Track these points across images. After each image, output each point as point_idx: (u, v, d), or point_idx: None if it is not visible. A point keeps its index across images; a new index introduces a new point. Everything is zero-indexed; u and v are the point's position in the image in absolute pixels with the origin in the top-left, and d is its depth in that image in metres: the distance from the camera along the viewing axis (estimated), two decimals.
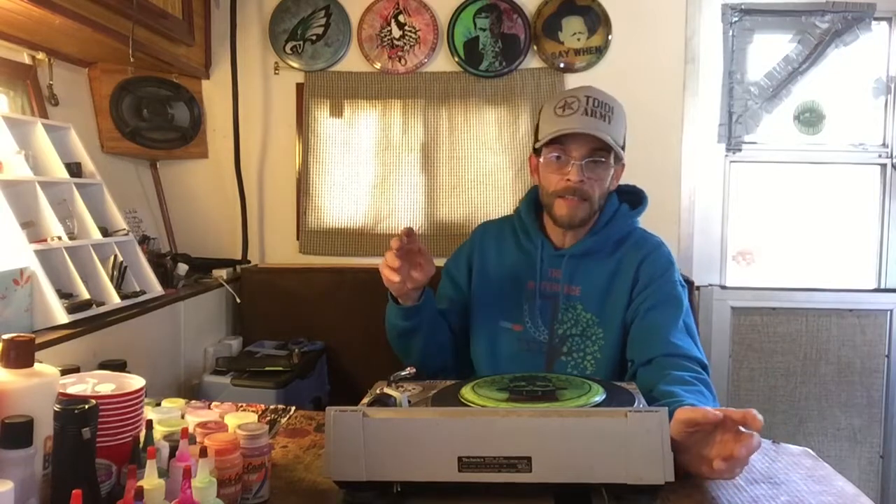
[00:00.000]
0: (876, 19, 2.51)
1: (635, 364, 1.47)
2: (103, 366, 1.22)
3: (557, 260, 1.58)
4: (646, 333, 1.48)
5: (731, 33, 2.53)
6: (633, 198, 1.65)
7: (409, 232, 1.40)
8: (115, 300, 1.69)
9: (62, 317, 1.50)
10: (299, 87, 2.55)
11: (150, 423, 1.02)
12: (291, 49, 2.52)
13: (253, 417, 1.17)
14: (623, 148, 1.55)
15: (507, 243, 1.67)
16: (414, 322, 1.54)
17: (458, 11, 2.48)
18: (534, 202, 1.66)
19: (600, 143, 1.49)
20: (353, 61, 2.53)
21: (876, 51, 2.55)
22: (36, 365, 0.95)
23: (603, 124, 1.49)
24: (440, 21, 2.49)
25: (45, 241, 1.57)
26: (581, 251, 1.57)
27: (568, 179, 1.50)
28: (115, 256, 1.79)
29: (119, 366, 1.22)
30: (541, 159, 1.55)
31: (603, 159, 1.50)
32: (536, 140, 1.57)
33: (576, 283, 1.57)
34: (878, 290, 2.60)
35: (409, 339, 1.58)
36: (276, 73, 2.56)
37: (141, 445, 0.98)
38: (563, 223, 1.55)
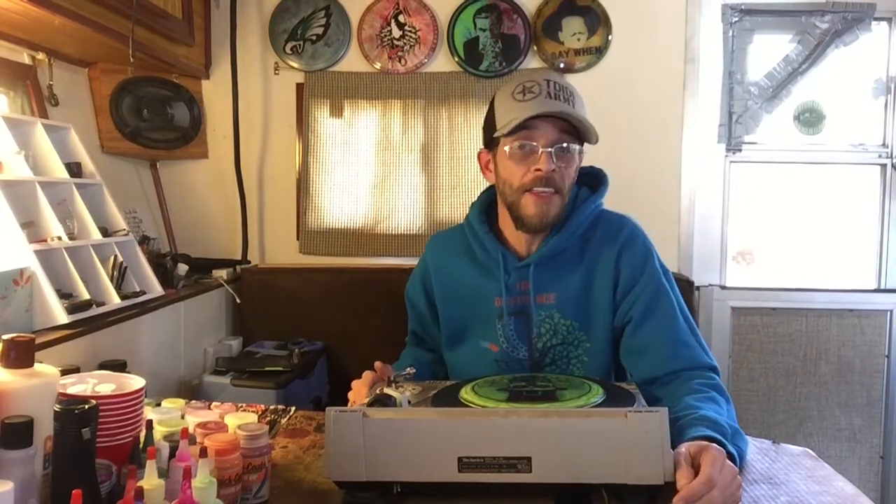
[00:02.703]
0: (876, 19, 2.51)
1: (638, 380, 1.35)
2: (103, 366, 1.22)
3: (524, 271, 1.43)
4: (644, 347, 1.37)
5: (731, 33, 2.52)
6: (592, 179, 1.49)
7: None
8: (115, 300, 1.69)
9: (62, 317, 1.50)
10: (299, 87, 2.55)
11: (150, 424, 1.02)
12: (291, 49, 2.52)
13: (253, 418, 1.17)
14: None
15: (460, 258, 1.51)
16: None
17: (458, 11, 2.48)
18: (485, 209, 1.52)
19: (567, 127, 1.35)
20: (353, 61, 2.53)
21: (876, 51, 2.55)
22: (36, 365, 0.95)
23: (568, 107, 1.34)
24: (440, 21, 2.49)
25: (45, 241, 1.57)
26: (547, 255, 1.42)
27: (538, 170, 1.34)
28: (115, 256, 1.79)
29: (119, 366, 1.22)
30: (503, 150, 1.38)
31: (572, 144, 1.36)
32: (493, 132, 1.41)
33: (548, 291, 1.43)
34: (878, 290, 2.60)
35: None
36: (276, 73, 2.56)
37: (141, 446, 0.98)
38: (534, 223, 1.38)
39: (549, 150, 1.34)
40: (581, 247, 1.44)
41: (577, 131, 1.37)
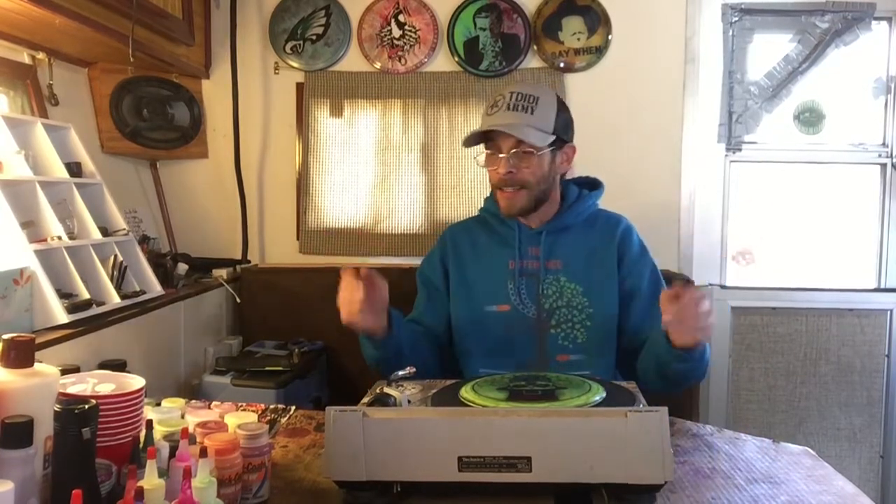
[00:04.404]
0: (876, 19, 2.51)
1: (641, 339, 1.57)
2: (103, 366, 1.22)
3: (535, 238, 1.65)
4: (649, 314, 1.57)
5: (731, 33, 2.52)
6: (590, 185, 1.75)
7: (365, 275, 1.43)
8: (115, 300, 1.69)
9: (62, 317, 1.50)
10: (299, 86, 2.55)
11: (150, 423, 1.02)
12: (291, 49, 2.52)
13: (253, 417, 1.17)
14: (559, 131, 1.61)
15: (479, 235, 1.73)
16: (390, 350, 1.52)
17: (458, 11, 2.48)
18: None
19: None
20: (353, 61, 2.53)
21: (876, 51, 2.55)
22: (36, 365, 0.95)
23: (525, 116, 1.57)
24: (440, 21, 2.49)
25: (45, 241, 1.57)
26: (558, 227, 1.65)
27: (499, 172, 1.59)
28: (115, 256, 1.79)
29: (119, 366, 1.22)
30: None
31: (528, 149, 1.57)
32: None
33: (556, 257, 1.64)
34: (878, 290, 2.59)
35: (389, 364, 1.50)
36: (276, 73, 2.56)
37: (141, 445, 0.98)
38: (505, 213, 1.64)
39: (506, 155, 1.58)
40: (585, 230, 1.68)
41: (556, 131, 1.59)
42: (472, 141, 1.63)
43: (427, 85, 2.51)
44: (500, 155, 1.58)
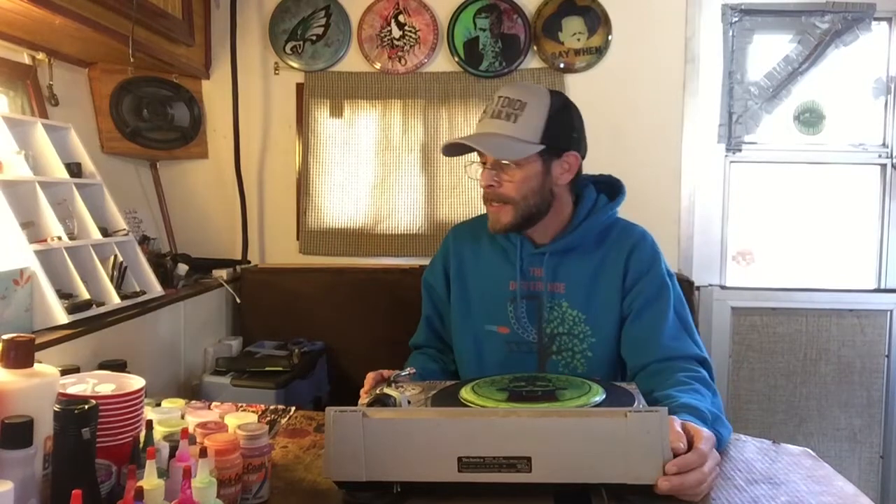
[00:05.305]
0: (876, 19, 2.51)
1: (631, 370, 1.44)
2: (103, 366, 1.22)
3: (538, 258, 1.51)
4: (639, 338, 1.45)
5: (731, 33, 2.53)
6: (610, 189, 1.58)
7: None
8: (115, 300, 1.69)
9: (62, 317, 1.50)
10: (299, 87, 2.55)
11: (150, 424, 1.02)
12: (291, 49, 2.52)
13: (253, 418, 1.17)
14: (551, 139, 1.44)
15: (482, 243, 1.60)
16: None
17: (458, 11, 2.48)
18: None
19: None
20: (353, 61, 2.53)
21: (876, 51, 2.55)
22: (36, 365, 0.95)
23: (505, 125, 1.42)
24: (440, 21, 2.49)
25: (45, 241, 1.57)
26: (563, 247, 1.50)
27: (481, 185, 1.47)
28: (115, 256, 1.79)
29: (119, 366, 1.22)
30: None
31: (506, 161, 1.43)
32: None
33: (559, 280, 1.50)
34: (878, 290, 2.59)
35: None
36: (276, 73, 2.56)
37: (141, 446, 0.98)
38: (491, 230, 1.50)
39: (487, 165, 1.46)
40: (595, 247, 1.52)
41: (547, 139, 1.43)
42: (451, 151, 1.50)
43: (427, 85, 2.51)
44: (482, 167, 1.47)
